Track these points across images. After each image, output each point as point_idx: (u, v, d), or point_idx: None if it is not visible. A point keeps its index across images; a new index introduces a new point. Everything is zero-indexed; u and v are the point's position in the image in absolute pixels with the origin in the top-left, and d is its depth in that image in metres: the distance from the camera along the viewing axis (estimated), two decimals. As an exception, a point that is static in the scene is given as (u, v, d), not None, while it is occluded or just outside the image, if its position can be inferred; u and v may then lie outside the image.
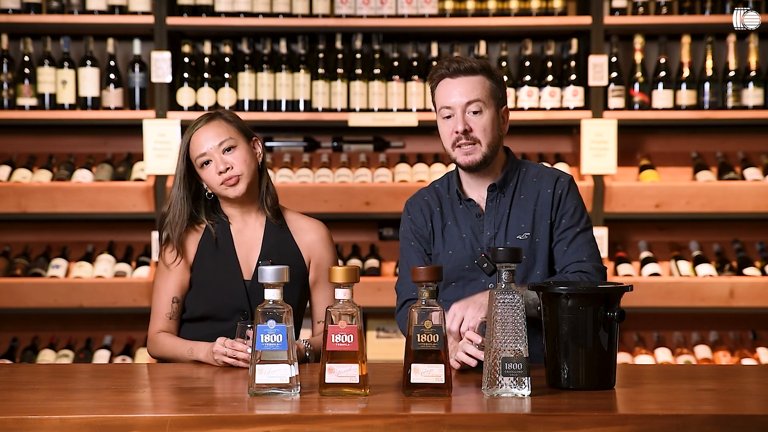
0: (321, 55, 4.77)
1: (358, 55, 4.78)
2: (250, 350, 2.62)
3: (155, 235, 4.63)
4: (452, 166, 4.70)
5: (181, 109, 4.73)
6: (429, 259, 2.94)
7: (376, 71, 4.77)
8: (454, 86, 2.83)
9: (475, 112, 2.82)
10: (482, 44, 4.81)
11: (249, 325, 2.62)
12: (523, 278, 2.83)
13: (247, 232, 2.99)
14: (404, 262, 2.97)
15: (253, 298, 2.90)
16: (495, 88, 2.85)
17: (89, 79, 4.75)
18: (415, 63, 4.81)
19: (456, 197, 2.92)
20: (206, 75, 4.75)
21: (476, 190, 2.91)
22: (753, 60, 4.77)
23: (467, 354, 2.57)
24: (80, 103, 4.77)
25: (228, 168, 2.92)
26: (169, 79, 4.70)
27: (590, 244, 2.87)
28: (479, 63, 2.85)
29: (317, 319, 3.03)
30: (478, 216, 2.88)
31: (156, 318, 2.96)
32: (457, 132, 2.82)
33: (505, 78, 3.57)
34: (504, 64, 4.82)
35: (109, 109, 4.77)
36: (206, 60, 4.78)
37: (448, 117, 2.84)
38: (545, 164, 2.99)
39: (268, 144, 4.87)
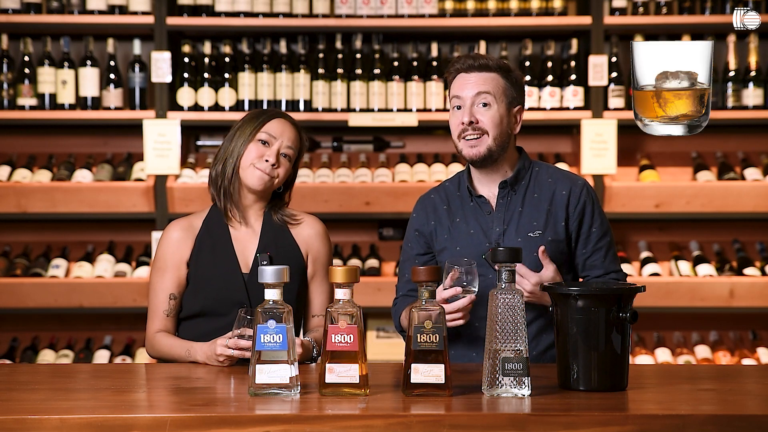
0: (321, 55, 4.77)
1: (358, 55, 4.79)
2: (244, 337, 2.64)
3: (155, 235, 4.63)
4: (458, 166, 4.74)
5: (181, 109, 4.73)
6: (421, 259, 2.98)
7: (376, 71, 4.77)
8: (467, 79, 2.90)
9: (484, 105, 2.87)
10: (482, 44, 4.81)
11: (250, 317, 2.62)
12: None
13: (245, 227, 3.00)
14: (401, 261, 3.05)
15: (252, 292, 2.91)
16: (508, 87, 2.90)
17: (89, 79, 4.75)
18: (415, 63, 4.81)
19: (467, 194, 2.96)
20: (206, 75, 4.75)
21: (487, 187, 2.95)
22: (753, 60, 4.77)
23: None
24: (80, 103, 4.77)
25: (274, 165, 2.95)
26: (169, 79, 4.70)
27: (616, 253, 2.98)
28: (496, 61, 2.91)
29: (313, 312, 3.03)
30: (488, 213, 2.91)
31: (153, 317, 2.95)
32: (463, 123, 2.86)
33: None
34: (504, 64, 4.82)
35: (109, 109, 4.77)
36: (206, 60, 4.78)
37: (458, 108, 2.90)
38: (558, 166, 3.04)
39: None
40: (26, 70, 4.75)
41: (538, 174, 2.96)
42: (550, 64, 4.81)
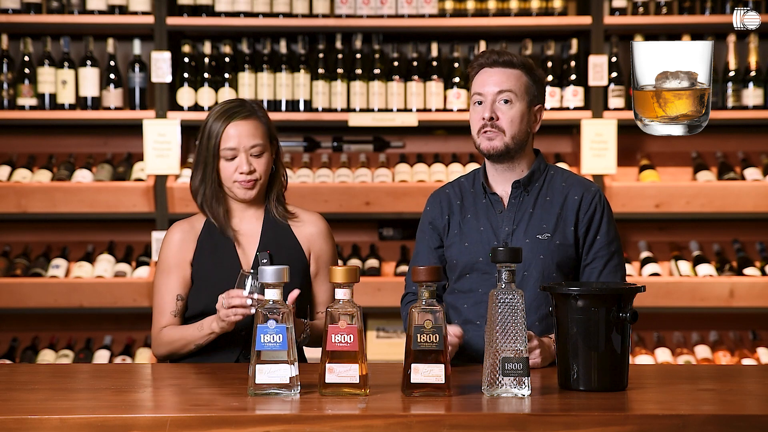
0: (321, 55, 4.78)
1: (358, 55, 4.79)
2: (245, 294, 2.65)
3: (155, 235, 4.63)
4: (458, 166, 4.74)
5: (181, 109, 4.74)
6: (437, 252, 2.97)
7: (376, 71, 4.77)
8: (489, 75, 2.89)
9: (505, 101, 2.86)
10: (482, 44, 4.81)
11: (248, 273, 2.65)
12: (538, 277, 2.85)
13: (245, 225, 3.00)
14: (415, 254, 3.03)
15: None
16: (531, 84, 2.90)
17: (89, 79, 4.75)
18: (415, 63, 4.81)
19: (481, 191, 2.95)
20: (206, 75, 4.75)
21: (501, 185, 2.94)
22: (753, 60, 4.77)
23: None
24: (80, 103, 4.77)
25: (251, 171, 2.93)
26: (169, 79, 4.70)
27: (622, 265, 2.94)
28: (519, 59, 2.91)
29: (317, 309, 3.03)
30: (499, 211, 2.91)
31: (160, 317, 2.94)
32: (483, 118, 2.86)
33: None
34: (504, 64, 4.82)
35: (109, 109, 4.77)
36: (206, 60, 4.78)
37: (479, 103, 2.89)
38: (573, 172, 3.04)
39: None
40: (26, 70, 4.75)
41: (552, 177, 2.95)
42: (550, 64, 4.81)
